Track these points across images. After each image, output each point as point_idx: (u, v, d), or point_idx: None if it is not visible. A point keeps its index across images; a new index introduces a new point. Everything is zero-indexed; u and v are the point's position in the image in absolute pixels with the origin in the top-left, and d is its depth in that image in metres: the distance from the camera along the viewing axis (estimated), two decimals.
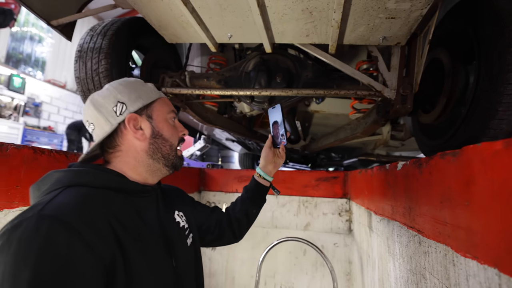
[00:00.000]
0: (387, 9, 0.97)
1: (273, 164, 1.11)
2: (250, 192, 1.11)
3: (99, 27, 1.45)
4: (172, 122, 0.82)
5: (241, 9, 1.10)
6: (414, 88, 1.14)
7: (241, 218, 1.09)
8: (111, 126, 0.72)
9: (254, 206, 1.11)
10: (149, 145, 0.76)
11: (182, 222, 0.88)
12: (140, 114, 0.76)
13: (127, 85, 0.77)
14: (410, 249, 0.87)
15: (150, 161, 0.76)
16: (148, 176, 0.77)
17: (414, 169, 0.85)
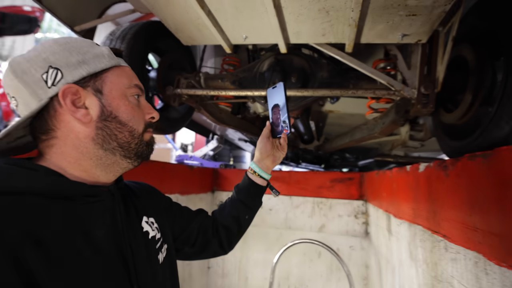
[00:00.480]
0: (407, 6, 0.94)
1: (271, 158, 0.88)
2: (243, 193, 0.90)
3: (118, 31, 1.48)
4: (134, 100, 0.61)
5: (257, 11, 1.09)
6: (437, 87, 1.11)
7: (230, 225, 0.89)
8: (39, 102, 0.52)
9: (247, 211, 0.91)
10: (97, 130, 0.55)
11: (153, 232, 0.68)
12: (83, 86, 0.55)
13: (66, 44, 0.55)
14: (435, 255, 0.84)
15: (100, 152, 0.56)
16: (99, 173, 0.58)
17: (438, 171, 0.82)
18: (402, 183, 1.16)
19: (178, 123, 2.02)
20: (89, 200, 0.55)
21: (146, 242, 0.64)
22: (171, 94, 1.64)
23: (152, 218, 0.71)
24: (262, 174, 0.88)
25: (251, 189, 0.89)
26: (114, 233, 0.56)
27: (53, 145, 0.55)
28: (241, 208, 0.89)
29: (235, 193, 0.91)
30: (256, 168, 0.88)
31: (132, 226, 0.62)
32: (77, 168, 0.56)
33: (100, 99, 0.56)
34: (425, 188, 0.92)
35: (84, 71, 0.55)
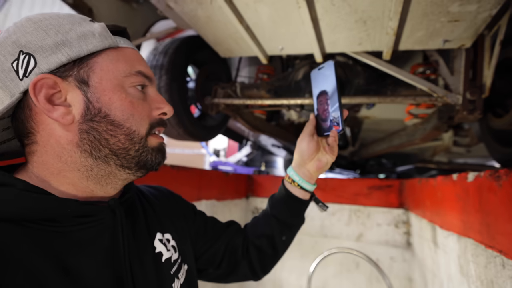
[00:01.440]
0: (449, 13, 0.92)
1: (316, 163, 0.67)
2: (278, 207, 0.71)
3: (161, 47, 1.58)
4: (136, 93, 0.47)
5: (294, 23, 1.11)
6: (484, 92, 1.06)
7: (263, 246, 0.71)
8: (10, 98, 0.42)
9: (283, 230, 0.71)
10: (81, 133, 0.43)
11: (168, 252, 0.54)
12: (63, 76, 0.42)
13: (42, 21, 0.43)
14: (490, 272, 0.80)
15: (90, 162, 0.44)
16: (92, 186, 0.46)
17: (490, 182, 0.78)
18: (448, 193, 1.12)
19: (214, 131, 2.09)
20: (80, 221, 0.43)
21: (158, 267, 0.52)
22: (209, 104, 1.71)
23: (169, 234, 0.57)
24: (303, 184, 0.68)
25: (288, 203, 0.70)
26: (112, 259, 0.45)
27: (34, 152, 0.43)
28: (275, 226, 0.71)
29: (270, 206, 0.73)
30: (295, 176, 0.68)
31: (139, 248, 0.50)
32: (63, 181, 0.44)
33: (85, 93, 0.43)
34: (475, 199, 0.88)
35: (64, 56, 0.42)
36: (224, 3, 0.98)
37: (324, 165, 0.68)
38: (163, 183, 0.77)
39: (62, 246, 0.40)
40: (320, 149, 0.68)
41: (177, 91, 1.54)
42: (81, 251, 0.42)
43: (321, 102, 0.67)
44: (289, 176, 0.70)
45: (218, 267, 0.69)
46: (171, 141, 6.74)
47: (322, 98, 0.66)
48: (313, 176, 0.70)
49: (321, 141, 0.68)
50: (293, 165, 0.70)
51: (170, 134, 1.71)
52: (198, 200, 1.70)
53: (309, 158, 0.67)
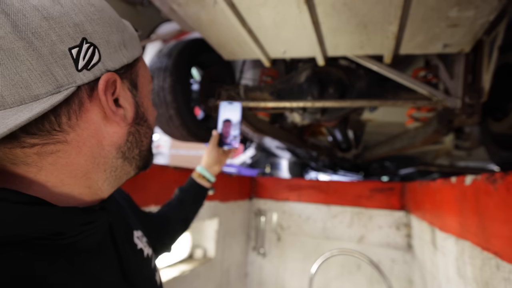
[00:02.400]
0: (448, 18, 0.93)
1: (219, 165, 0.97)
2: (190, 195, 0.94)
3: (165, 49, 1.61)
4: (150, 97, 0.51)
5: (295, 27, 1.14)
6: (482, 97, 1.07)
7: (178, 227, 0.90)
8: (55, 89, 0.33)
9: (194, 212, 0.96)
10: (128, 135, 0.43)
11: (145, 249, 0.56)
12: (122, 77, 0.41)
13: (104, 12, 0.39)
14: (485, 273, 0.81)
15: (119, 163, 0.43)
16: (104, 187, 0.44)
17: (486, 185, 0.79)
18: (447, 195, 1.13)
19: None
20: (84, 230, 0.39)
21: (145, 264, 0.53)
22: (212, 106, 1.74)
23: (140, 232, 0.58)
24: (211, 178, 0.96)
25: (198, 192, 0.94)
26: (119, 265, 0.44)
27: (51, 153, 0.36)
28: (189, 209, 0.93)
29: (182, 196, 0.93)
30: (206, 173, 0.95)
31: (131, 248, 0.50)
32: (81, 184, 0.40)
33: (135, 97, 0.44)
34: (472, 202, 0.89)
35: (125, 57, 0.41)
36: (226, 6, 1.01)
37: (223, 163, 0.98)
38: (166, 185, 0.81)
39: (80, 259, 0.38)
40: (221, 154, 0.96)
41: (181, 92, 1.57)
42: (95, 260, 0.40)
43: (226, 126, 0.97)
44: (200, 173, 0.95)
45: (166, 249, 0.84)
46: (176, 142, 6.76)
47: (226, 123, 0.97)
48: (217, 172, 0.98)
49: (221, 150, 0.97)
50: (204, 165, 0.96)
51: (174, 135, 1.74)
52: None
53: (215, 161, 0.95)
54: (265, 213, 2.42)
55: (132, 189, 1.17)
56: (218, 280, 1.98)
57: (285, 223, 2.37)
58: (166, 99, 1.57)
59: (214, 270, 1.91)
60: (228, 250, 2.10)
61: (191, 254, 1.84)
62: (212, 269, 1.88)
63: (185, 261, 1.74)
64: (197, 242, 1.93)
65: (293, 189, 2.37)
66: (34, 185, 0.36)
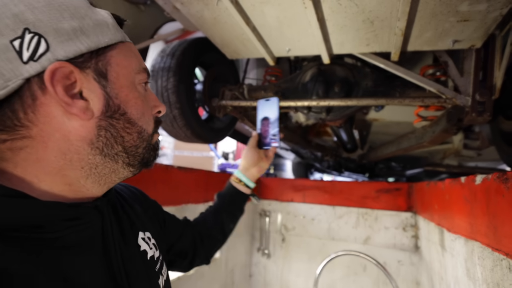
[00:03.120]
0: (458, 12, 0.91)
1: (257, 168, 0.89)
2: (227, 201, 0.88)
3: (168, 49, 1.60)
4: (143, 91, 0.47)
5: (300, 24, 1.12)
6: (494, 94, 1.04)
7: (215, 235, 0.84)
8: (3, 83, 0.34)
9: (231, 220, 0.89)
10: (99, 130, 0.41)
11: (151, 250, 0.55)
12: (81, 67, 0.39)
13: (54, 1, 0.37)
14: (496, 275, 0.78)
15: (97, 159, 0.42)
16: (89, 185, 0.43)
17: (498, 184, 0.77)
18: (456, 196, 1.10)
19: (222, 133, 2.11)
20: (68, 225, 0.39)
21: (146, 265, 0.52)
22: (216, 106, 1.73)
23: (149, 233, 0.57)
24: (248, 183, 0.89)
25: (236, 198, 0.89)
26: (106, 263, 0.43)
27: (22, 149, 0.37)
28: (225, 217, 0.87)
29: (219, 202, 0.88)
30: (242, 177, 0.89)
31: (129, 249, 0.49)
32: (59, 181, 0.39)
33: (104, 87, 0.41)
34: (483, 202, 0.86)
35: (83, 45, 0.38)
36: (230, 4, 0.99)
37: (263, 169, 0.91)
38: (170, 185, 0.80)
39: (54, 253, 0.37)
40: (260, 158, 0.90)
41: (184, 93, 1.56)
42: (74, 257, 0.39)
43: (264, 125, 0.91)
44: (237, 177, 0.89)
45: (185, 258, 0.78)
46: (180, 143, 6.78)
47: (265, 121, 0.91)
48: (255, 177, 0.91)
49: (261, 152, 0.91)
50: (240, 169, 0.90)
51: (177, 136, 1.73)
52: (205, 202, 1.71)
53: (253, 164, 0.89)
54: (270, 214, 2.40)
55: None
56: (223, 280, 1.96)
57: (289, 224, 2.35)
58: (169, 99, 1.56)
59: (219, 270, 1.89)
60: (233, 250, 2.09)
61: None
62: (217, 269, 1.87)
63: None
64: None
65: (297, 190, 2.34)
66: (13, 179, 0.37)
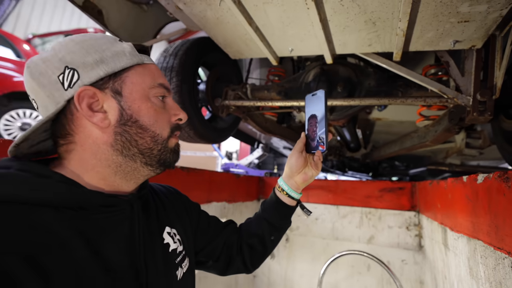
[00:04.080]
0: (459, 13, 0.91)
1: (302, 176, 0.78)
2: (269, 211, 0.82)
3: (171, 49, 1.61)
4: (158, 102, 0.57)
5: (303, 24, 1.13)
6: (495, 93, 1.04)
7: (255, 245, 0.82)
8: (55, 105, 0.49)
9: (272, 231, 0.82)
10: (115, 135, 0.52)
11: (174, 244, 0.63)
12: (101, 88, 0.51)
13: (83, 42, 0.52)
14: (499, 273, 0.79)
15: (120, 159, 0.53)
16: (119, 181, 0.54)
17: (499, 183, 0.77)
18: (459, 195, 1.10)
19: (225, 133, 2.12)
20: (104, 211, 0.51)
21: (166, 256, 0.60)
22: (219, 106, 1.74)
23: (175, 230, 0.66)
24: (291, 193, 0.79)
25: (278, 208, 0.81)
26: (130, 246, 0.52)
27: (71, 151, 0.52)
28: (266, 227, 0.81)
29: (261, 210, 0.84)
30: (284, 186, 0.80)
31: (151, 238, 0.58)
32: (95, 176, 0.52)
33: (119, 102, 0.52)
34: (484, 201, 0.87)
35: (102, 71, 0.51)
36: (233, 4, 1.01)
37: (309, 178, 0.78)
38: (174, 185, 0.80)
39: (92, 230, 0.48)
40: (307, 165, 0.78)
41: (187, 93, 1.57)
42: (106, 236, 0.49)
43: (311, 124, 0.77)
44: (279, 185, 0.81)
45: (217, 260, 0.80)
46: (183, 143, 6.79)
47: (312, 120, 0.77)
48: (300, 187, 0.80)
49: (309, 158, 0.79)
50: (283, 176, 0.81)
51: (180, 136, 1.75)
52: (208, 202, 1.73)
53: (297, 171, 0.78)
54: None
55: None
56: (227, 281, 1.97)
57: (293, 224, 2.36)
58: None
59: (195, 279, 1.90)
60: None
61: None
62: None
63: None
64: None
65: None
66: (69, 172, 0.51)
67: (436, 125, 1.45)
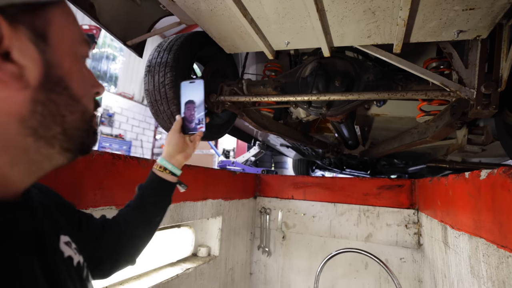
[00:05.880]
0: (464, 0, 0.87)
1: (183, 154, 0.83)
2: (152, 192, 0.78)
3: (165, 43, 1.57)
4: (84, 64, 0.41)
5: (299, 16, 1.09)
6: (500, 86, 1.00)
7: (140, 233, 0.75)
8: None
9: (158, 211, 0.80)
10: (34, 105, 0.33)
11: (75, 256, 0.47)
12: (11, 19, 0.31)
13: None
14: (502, 272, 0.76)
15: (29, 142, 0.34)
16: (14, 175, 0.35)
17: (503, 179, 0.74)
18: (460, 191, 1.07)
19: (221, 130, 2.08)
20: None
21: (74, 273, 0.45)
22: (214, 102, 1.70)
23: (68, 236, 0.49)
24: (174, 170, 0.81)
25: (161, 187, 0.80)
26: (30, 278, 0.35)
27: None
28: (151, 209, 0.78)
29: (142, 194, 0.78)
30: (167, 165, 0.81)
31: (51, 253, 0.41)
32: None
33: (43, 52, 0.33)
34: (488, 197, 0.83)
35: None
36: None
37: (189, 155, 0.86)
38: None
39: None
40: (186, 143, 0.85)
41: None
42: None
43: (188, 108, 0.87)
44: (161, 165, 0.81)
45: (105, 264, 0.68)
46: None
47: (189, 105, 0.87)
48: (181, 164, 0.85)
49: (186, 137, 0.86)
50: (164, 156, 0.83)
51: None
52: (204, 199, 1.69)
53: (178, 150, 0.83)
54: (270, 212, 2.38)
55: (132, 187, 1.13)
56: (223, 278, 1.94)
57: (290, 222, 2.33)
58: (167, 95, 1.53)
59: (219, 268, 1.87)
60: (233, 248, 2.06)
61: (195, 252, 1.81)
62: (217, 268, 1.85)
63: (189, 259, 1.71)
64: (201, 240, 1.90)
65: (298, 187, 2.31)
66: None
67: (437, 120, 1.41)
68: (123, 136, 10.44)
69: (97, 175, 0.99)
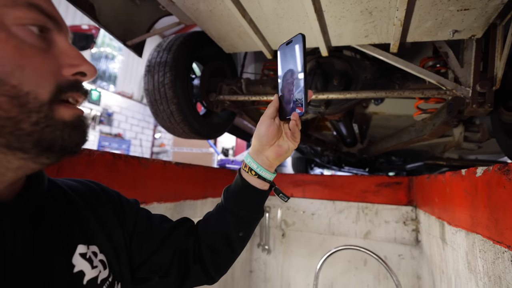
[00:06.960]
0: (459, 1, 0.89)
1: (275, 149, 0.59)
2: (234, 200, 0.62)
3: (165, 43, 1.58)
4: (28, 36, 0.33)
5: (297, 16, 1.10)
6: (495, 84, 1.02)
7: (217, 246, 0.61)
8: None
9: (240, 225, 0.62)
10: None
11: (93, 270, 0.41)
12: None
13: None
14: (498, 268, 0.77)
15: None
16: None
17: (499, 176, 0.75)
18: (457, 188, 1.08)
19: (220, 129, 2.09)
20: None
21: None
22: (214, 101, 1.71)
23: (96, 246, 0.44)
24: (261, 173, 0.59)
25: (246, 194, 0.61)
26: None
27: None
28: (232, 221, 0.61)
29: (224, 199, 0.63)
30: (253, 164, 0.59)
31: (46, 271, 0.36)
32: None
33: None
34: (484, 194, 0.85)
35: None
36: None
37: (285, 152, 0.59)
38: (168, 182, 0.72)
39: None
40: (282, 135, 0.59)
41: (181, 88, 1.54)
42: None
43: (287, 82, 0.58)
44: (246, 163, 0.60)
45: (165, 275, 0.57)
46: (179, 140, 6.76)
47: (288, 77, 0.58)
48: (273, 164, 0.61)
49: (283, 126, 0.60)
50: (251, 152, 0.61)
51: (175, 132, 1.72)
52: (204, 198, 1.70)
53: (268, 143, 0.58)
54: (270, 210, 2.40)
55: (133, 186, 1.15)
56: (223, 277, 1.96)
57: (289, 219, 2.35)
58: (166, 94, 1.54)
59: None
60: None
61: None
62: None
63: None
64: None
65: (297, 185, 2.33)
66: None
67: (434, 118, 1.43)
68: (122, 135, 10.43)
69: (98, 175, 1.00)
